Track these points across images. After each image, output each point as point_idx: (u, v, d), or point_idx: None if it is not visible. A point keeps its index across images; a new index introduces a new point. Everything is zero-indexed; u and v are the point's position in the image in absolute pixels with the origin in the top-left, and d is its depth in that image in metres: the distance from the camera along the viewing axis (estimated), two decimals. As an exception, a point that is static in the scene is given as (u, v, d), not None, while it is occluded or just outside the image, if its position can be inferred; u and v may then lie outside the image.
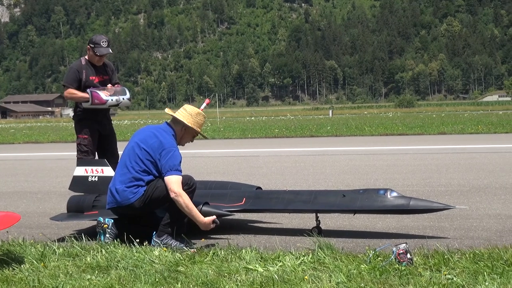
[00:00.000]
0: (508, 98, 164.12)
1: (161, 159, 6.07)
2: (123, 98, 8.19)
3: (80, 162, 7.62)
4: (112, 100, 8.08)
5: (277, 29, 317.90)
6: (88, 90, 7.97)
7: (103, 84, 8.20)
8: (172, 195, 5.92)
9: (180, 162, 6.12)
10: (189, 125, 6.28)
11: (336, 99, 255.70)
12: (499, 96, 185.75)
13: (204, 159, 16.59)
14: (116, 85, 8.34)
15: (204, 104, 7.49)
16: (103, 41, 8.11)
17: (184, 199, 5.91)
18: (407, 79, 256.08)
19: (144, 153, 6.14)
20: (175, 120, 6.38)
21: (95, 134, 8.31)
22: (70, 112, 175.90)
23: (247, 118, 70.26)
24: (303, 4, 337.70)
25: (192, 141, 6.54)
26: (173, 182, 5.94)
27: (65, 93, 8.13)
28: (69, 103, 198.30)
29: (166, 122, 6.43)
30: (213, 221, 6.10)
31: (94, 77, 8.18)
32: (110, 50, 8.17)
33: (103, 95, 7.99)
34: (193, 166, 13.99)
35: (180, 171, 6.06)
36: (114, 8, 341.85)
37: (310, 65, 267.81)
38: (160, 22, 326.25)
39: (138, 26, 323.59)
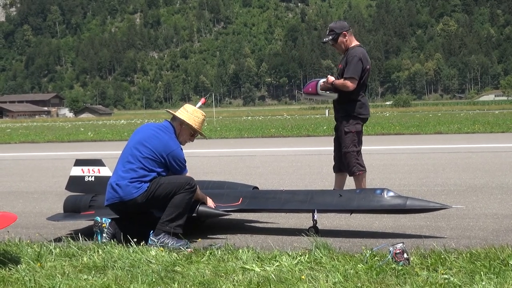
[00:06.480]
0: (504, 98, 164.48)
1: (171, 162, 6.33)
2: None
3: (77, 162, 7.59)
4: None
5: (273, 28, 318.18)
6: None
7: (338, 73, 7.89)
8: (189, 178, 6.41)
9: (184, 158, 6.49)
10: (185, 119, 6.43)
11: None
12: (495, 96, 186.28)
13: (200, 159, 16.57)
14: (325, 79, 7.83)
15: (200, 104, 7.50)
16: (327, 29, 7.86)
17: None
18: (404, 79, 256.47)
19: (148, 150, 6.25)
20: (173, 117, 6.57)
21: (336, 130, 8.11)
22: (66, 111, 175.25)
23: (244, 118, 70.24)
24: (299, 4, 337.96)
25: (192, 140, 6.68)
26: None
27: (352, 86, 7.62)
28: (65, 102, 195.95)
29: (167, 120, 6.57)
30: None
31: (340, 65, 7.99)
32: (326, 38, 7.81)
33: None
34: (189, 165, 13.87)
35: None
36: (110, 8, 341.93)
37: (306, 64, 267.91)
38: (157, 21, 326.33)
39: (135, 26, 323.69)
